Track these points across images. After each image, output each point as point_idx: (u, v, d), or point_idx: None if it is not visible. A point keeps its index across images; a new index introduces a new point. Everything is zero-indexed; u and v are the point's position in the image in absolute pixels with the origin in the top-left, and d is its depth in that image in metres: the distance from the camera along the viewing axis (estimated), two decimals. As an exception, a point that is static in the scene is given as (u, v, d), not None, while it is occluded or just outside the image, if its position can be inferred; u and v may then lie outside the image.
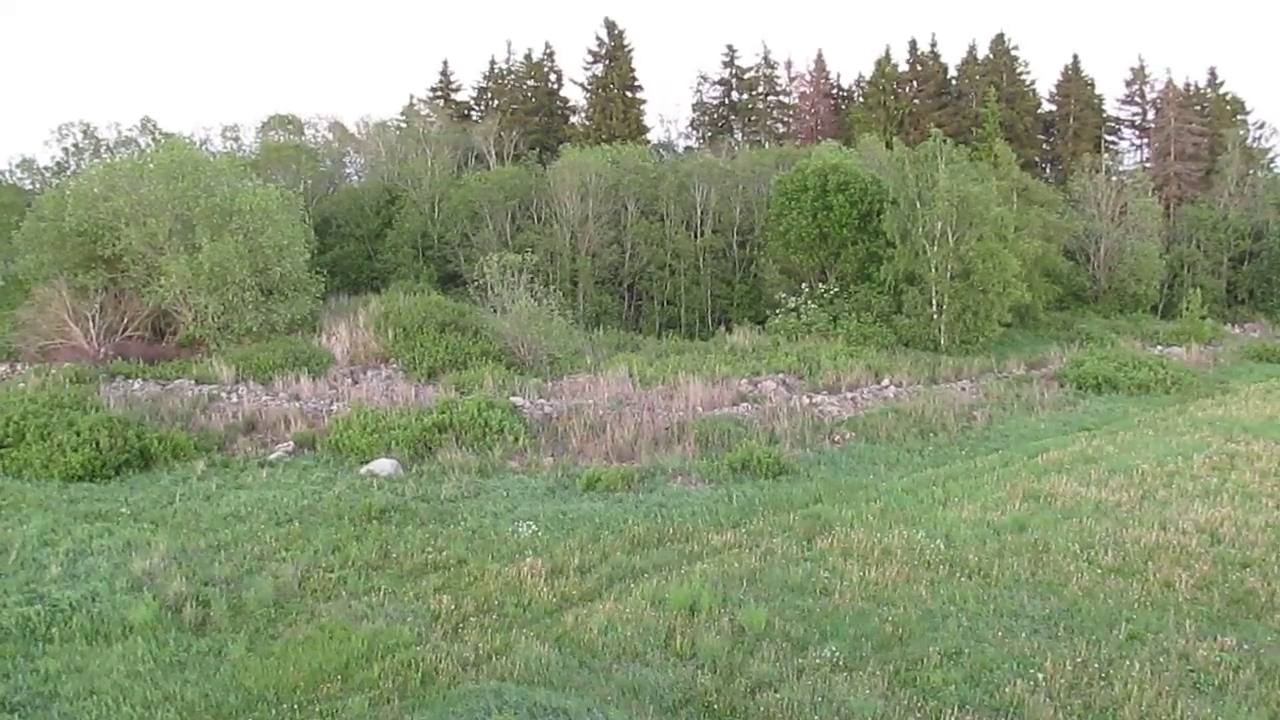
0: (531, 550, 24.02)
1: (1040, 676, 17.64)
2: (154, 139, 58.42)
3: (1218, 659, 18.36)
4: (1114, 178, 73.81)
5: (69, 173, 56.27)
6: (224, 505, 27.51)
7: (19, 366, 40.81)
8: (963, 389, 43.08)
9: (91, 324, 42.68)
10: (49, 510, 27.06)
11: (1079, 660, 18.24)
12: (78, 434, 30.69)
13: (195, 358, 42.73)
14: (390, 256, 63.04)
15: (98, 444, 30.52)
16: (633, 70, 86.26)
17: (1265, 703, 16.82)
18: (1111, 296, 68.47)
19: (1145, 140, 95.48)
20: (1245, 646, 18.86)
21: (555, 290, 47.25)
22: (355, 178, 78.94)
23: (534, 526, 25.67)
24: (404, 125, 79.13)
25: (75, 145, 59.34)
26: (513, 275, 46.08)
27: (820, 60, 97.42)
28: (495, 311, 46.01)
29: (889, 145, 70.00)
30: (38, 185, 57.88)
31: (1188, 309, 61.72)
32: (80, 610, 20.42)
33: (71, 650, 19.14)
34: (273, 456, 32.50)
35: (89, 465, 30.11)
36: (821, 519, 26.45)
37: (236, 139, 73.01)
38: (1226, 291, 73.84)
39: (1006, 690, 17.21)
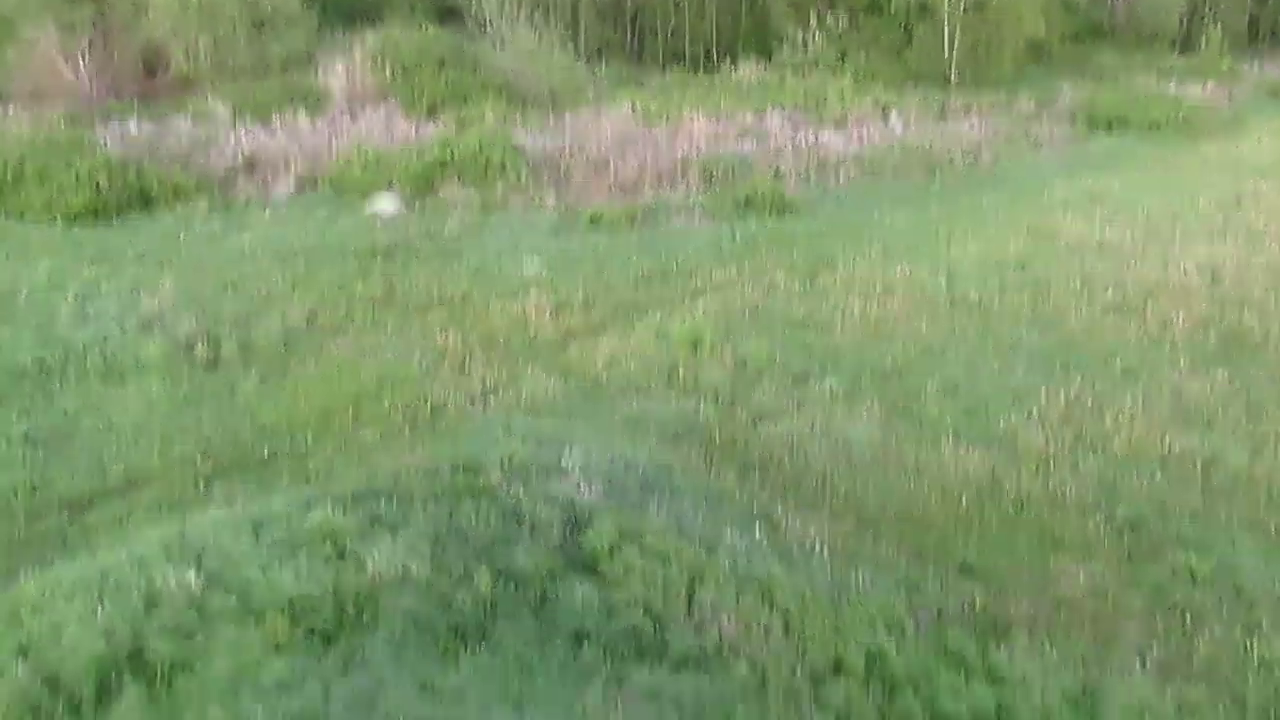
0: (536, 286, 24.20)
1: (1034, 410, 18.13)
2: None
3: (1208, 394, 18.79)
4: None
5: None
6: (229, 245, 27.55)
7: (10, 108, 39.93)
8: (971, 126, 42.22)
9: (82, 63, 41.53)
10: (54, 252, 27.09)
11: (1073, 395, 18.69)
12: (77, 176, 30.28)
13: (190, 96, 41.79)
14: (385, -12, 60.56)
15: (98, 185, 30.20)
16: None
17: (1250, 436, 17.34)
18: (1130, 31, 66.08)
19: None
20: (1236, 383, 19.28)
21: (555, 23, 45.69)
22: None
23: (538, 262, 25.78)
24: None
25: None
26: (512, 8, 44.58)
27: None
28: (495, 46, 44.74)
29: None
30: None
31: (1207, 45, 59.65)
32: (93, 350, 20.75)
33: (87, 389, 19.60)
34: (275, 196, 32.27)
35: (90, 207, 29.88)
36: (825, 255, 26.53)
37: None
38: (1249, 27, 71.15)
39: (1001, 422, 17.73)
